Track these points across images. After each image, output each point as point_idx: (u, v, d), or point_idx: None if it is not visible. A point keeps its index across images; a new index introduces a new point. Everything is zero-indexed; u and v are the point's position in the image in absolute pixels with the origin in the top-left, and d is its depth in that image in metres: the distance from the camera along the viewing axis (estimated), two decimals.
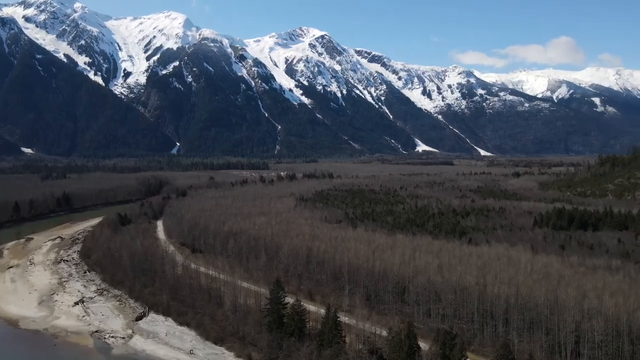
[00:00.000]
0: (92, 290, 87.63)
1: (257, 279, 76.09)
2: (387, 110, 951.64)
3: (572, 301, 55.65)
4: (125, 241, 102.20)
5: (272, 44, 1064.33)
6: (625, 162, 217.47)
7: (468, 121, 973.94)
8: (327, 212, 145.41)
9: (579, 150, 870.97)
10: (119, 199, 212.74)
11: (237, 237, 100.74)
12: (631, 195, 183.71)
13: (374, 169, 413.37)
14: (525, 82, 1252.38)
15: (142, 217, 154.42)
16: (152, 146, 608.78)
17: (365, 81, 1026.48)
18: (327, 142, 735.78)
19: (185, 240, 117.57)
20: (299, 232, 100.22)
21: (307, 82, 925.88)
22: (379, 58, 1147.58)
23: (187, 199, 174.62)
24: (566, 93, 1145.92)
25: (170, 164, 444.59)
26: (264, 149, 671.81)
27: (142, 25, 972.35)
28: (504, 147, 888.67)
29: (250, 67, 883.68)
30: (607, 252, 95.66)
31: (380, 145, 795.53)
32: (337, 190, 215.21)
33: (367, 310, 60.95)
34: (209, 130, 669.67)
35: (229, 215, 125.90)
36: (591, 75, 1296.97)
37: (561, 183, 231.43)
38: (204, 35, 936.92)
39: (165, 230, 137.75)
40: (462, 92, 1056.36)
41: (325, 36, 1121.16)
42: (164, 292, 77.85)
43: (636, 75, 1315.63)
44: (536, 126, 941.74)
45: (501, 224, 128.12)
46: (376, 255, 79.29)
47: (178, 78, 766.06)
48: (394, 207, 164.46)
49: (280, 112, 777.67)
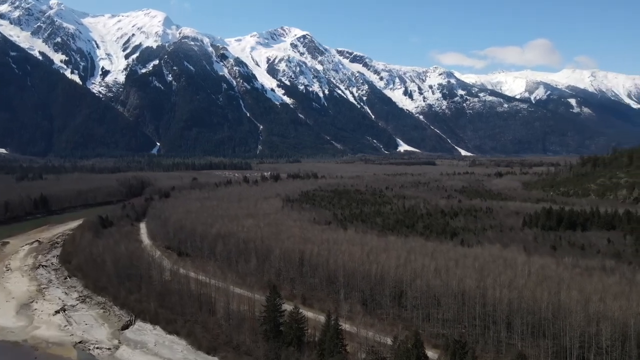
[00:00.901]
0: (73, 298, 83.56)
1: (250, 285, 73.33)
2: (369, 111, 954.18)
3: (575, 305, 54.60)
4: (109, 245, 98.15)
5: (253, 43, 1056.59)
6: (606, 162, 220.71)
7: (449, 121, 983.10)
8: (315, 214, 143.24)
9: (556, 150, 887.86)
10: (99, 200, 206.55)
11: (225, 240, 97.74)
12: (613, 195, 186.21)
13: (357, 169, 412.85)
14: (504, 83, 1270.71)
15: (124, 220, 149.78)
16: (131, 146, 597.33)
17: (347, 81, 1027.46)
18: (309, 142, 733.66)
19: (171, 244, 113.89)
20: (289, 235, 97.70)
21: (289, 82, 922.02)
22: (361, 58, 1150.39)
23: (170, 201, 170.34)
24: (543, 94, 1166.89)
25: (150, 165, 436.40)
26: (246, 149, 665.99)
27: (120, 23, 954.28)
28: (484, 147, 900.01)
29: (231, 67, 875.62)
30: (599, 252, 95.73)
31: (362, 145, 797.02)
32: (322, 190, 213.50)
33: (368, 317, 58.82)
34: (190, 130, 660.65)
35: (215, 217, 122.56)
36: (567, 76, 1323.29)
37: (544, 183, 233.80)
38: (184, 34, 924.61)
39: (149, 233, 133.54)
40: (443, 92, 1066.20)
41: (307, 36, 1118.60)
42: (151, 299, 74.51)
43: (610, 77, 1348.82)
44: (515, 126, 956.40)
45: (490, 225, 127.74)
46: (371, 259, 77.37)
47: (158, 77, 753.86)
48: (381, 207, 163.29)
49: (262, 112, 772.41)
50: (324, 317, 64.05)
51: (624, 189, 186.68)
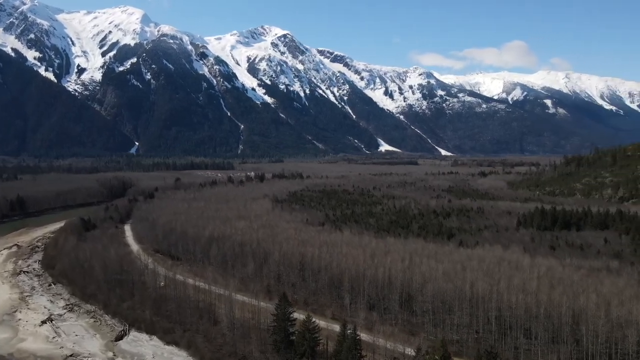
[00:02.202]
0: (60, 306, 78.69)
1: (254, 291, 69.81)
2: (350, 110, 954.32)
3: (594, 308, 53.07)
4: (96, 249, 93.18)
5: (233, 42, 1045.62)
6: (589, 162, 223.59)
7: (429, 121, 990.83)
8: (306, 215, 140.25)
9: (533, 150, 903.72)
10: (79, 201, 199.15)
11: (219, 243, 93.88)
12: (599, 194, 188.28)
13: (341, 168, 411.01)
14: (482, 84, 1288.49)
15: (107, 222, 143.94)
16: (109, 146, 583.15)
17: (328, 81, 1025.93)
18: (291, 142, 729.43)
19: (160, 247, 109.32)
20: (285, 237, 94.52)
21: (270, 81, 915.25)
22: (342, 58, 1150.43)
23: (155, 202, 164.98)
24: (520, 95, 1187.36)
25: (130, 165, 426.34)
26: (226, 149, 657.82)
27: (96, 19, 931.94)
28: (464, 147, 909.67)
29: (211, 65, 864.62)
30: (599, 252, 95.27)
31: (343, 145, 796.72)
32: (310, 191, 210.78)
33: (388, 326, 56.07)
34: (169, 130, 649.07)
35: (206, 219, 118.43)
36: (543, 78, 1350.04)
37: (529, 182, 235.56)
38: (163, 32, 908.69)
39: (135, 236, 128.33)
40: (423, 92, 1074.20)
41: (288, 35, 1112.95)
42: (145, 307, 70.47)
43: (584, 79, 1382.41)
44: (493, 127, 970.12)
45: (485, 225, 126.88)
46: (376, 262, 74.87)
47: (136, 75, 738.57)
48: (372, 208, 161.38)
49: (243, 112, 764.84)
50: (329, 324, 61.48)
51: (609, 188, 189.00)
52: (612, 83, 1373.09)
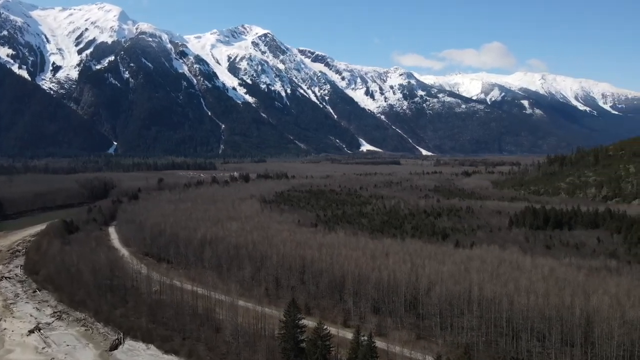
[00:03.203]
0: (47, 314, 74.77)
1: (256, 296, 67.33)
2: (331, 110, 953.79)
3: (607, 310, 52.39)
4: (84, 253, 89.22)
5: (213, 40, 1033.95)
6: (572, 162, 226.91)
7: (409, 121, 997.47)
8: (297, 215, 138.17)
9: (511, 150, 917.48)
10: (59, 203, 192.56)
11: (213, 245, 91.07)
12: (583, 193, 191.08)
13: (325, 168, 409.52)
14: (461, 84, 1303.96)
15: (91, 224, 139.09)
16: (86, 145, 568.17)
17: (309, 81, 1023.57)
18: (272, 142, 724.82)
19: (150, 250, 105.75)
20: (282, 239, 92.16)
21: (251, 81, 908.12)
22: (323, 58, 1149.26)
23: (140, 203, 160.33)
24: (498, 96, 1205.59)
25: (109, 165, 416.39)
26: (207, 149, 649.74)
27: (72, 16, 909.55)
28: (444, 147, 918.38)
29: (191, 64, 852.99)
30: (594, 251, 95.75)
31: (325, 145, 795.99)
32: (297, 191, 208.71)
33: (404, 332, 54.33)
34: (148, 129, 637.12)
35: (196, 220, 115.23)
36: (520, 79, 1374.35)
37: (514, 182, 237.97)
38: (141, 30, 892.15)
39: (122, 239, 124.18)
40: (404, 93, 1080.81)
41: (269, 34, 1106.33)
42: (141, 314, 67.35)
43: (559, 80, 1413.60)
44: (472, 127, 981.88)
45: (478, 225, 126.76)
46: (379, 264, 73.26)
47: (114, 73, 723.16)
48: (362, 208, 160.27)
49: (224, 111, 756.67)
50: (334, 329, 59.42)
51: (593, 187, 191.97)
52: (586, 84, 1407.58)
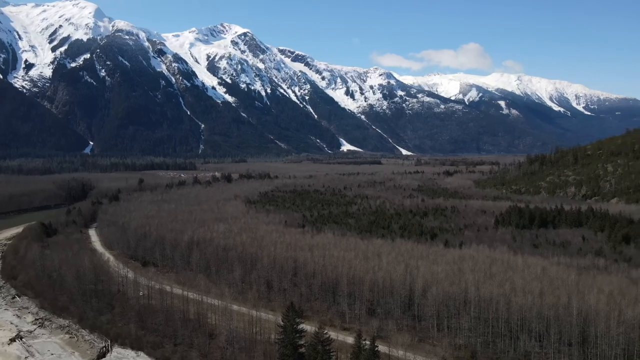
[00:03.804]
0: (29, 322, 71.63)
1: (251, 300, 65.56)
2: (311, 110, 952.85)
3: (606, 309, 52.58)
4: (66, 257, 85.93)
5: (192, 39, 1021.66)
6: (552, 161, 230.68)
7: (389, 121, 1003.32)
8: (284, 216, 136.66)
9: (489, 149, 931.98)
10: (35, 205, 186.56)
11: (201, 248, 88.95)
12: (563, 192, 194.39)
13: (307, 168, 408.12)
14: (440, 85, 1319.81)
15: (70, 226, 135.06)
16: (61, 145, 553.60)
17: (289, 80, 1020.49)
18: (253, 142, 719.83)
19: (134, 253, 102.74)
20: (272, 241, 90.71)
21: (231, 80, 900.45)
22: (303, 57, 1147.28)
23: (122, 204, 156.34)
24: (476, 96, 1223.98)
25: (85, 165, 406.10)
26: (187, 149, 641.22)
27: (45, 13, 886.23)
28: (424, 147, 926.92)
29: (170, 63, 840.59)
30: (580, 250, 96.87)
31: (306, 144, 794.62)
32: (281, 191, 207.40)
33: (407, 335, 53.41)
34: (126, 129, 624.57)
35: (181, 222, 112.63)
36: (496, 80, 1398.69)
37: (495, 181, 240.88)
38: (118, 27, 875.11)
39: (103, 242, 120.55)
40: (383, 93, 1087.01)
41: (248, 34, 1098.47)
42: (129, 320, 64.95)
43: (534, 81, 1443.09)
44: (451, 127, 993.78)
45: (465, 224, 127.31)
46: (373, 265, 72.43)
47: (90, 72, 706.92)
48: (348, 208, 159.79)
49: (204, 110, 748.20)
50: (336, 334, 58.26)
51: (572, 186, 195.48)
52: (560, 86, 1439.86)
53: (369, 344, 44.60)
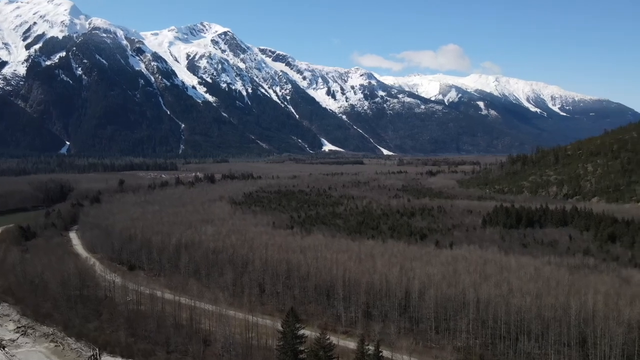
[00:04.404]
0: (10, 330, 68.49)
1: (247, 304, 63.91)
2: (293, 110, 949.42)
3: (605, 309, 52.72)
4: (49, 262, 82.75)
5: (171, 38, 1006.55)
6: (534, 161, 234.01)
7: (371, 121, 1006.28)
8: (271, 217, 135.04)
9: (468, 149, 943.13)
10: (11, 207, 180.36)
11: (190, 251, 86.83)
12: (545, 192, 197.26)
13: (290, 168, 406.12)
14: (420, 85, 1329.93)
15: (50, 229, 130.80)
16: (35, 145, 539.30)
17: (271, 80, 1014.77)
18: (234, 142, 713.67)
19: (119, 257, 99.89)
20: (263, 243, 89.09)
21: (211, 80, 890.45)
22: (284, 57, 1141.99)
23: (103, 206, 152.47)
24: (455, 97, 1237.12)
25: (62, 166, 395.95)
26: (167, 149, 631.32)
27: (19, 9, 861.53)
28: (405, 147, 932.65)
29: (149, 62, 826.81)
30: (569, 249, 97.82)
31: (287, 144, 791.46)
32: (265, 192, 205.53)
33: (411, 340, 52.53)
34: (104, 128, 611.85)
35: (168, 224, 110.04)
36: (475, 81, 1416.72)
37: (478, 181, 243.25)
38: (94, 25, 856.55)
39: (85, 245, 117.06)
40: (365, 93, 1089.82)
41: (228, 33, 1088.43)
42: (118, 327, 62.65)
43: (512, 83, 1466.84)
44: (431, 127, 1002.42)
45: (452, 224, 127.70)
46: (368, 267, 71.55)
47: (66, 70, 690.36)
48: (335, 208, 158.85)
49: (184, 110, 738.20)
50: (338, 339, 57.02)
51: (554, 185, 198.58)
52: (537, 87, 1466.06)
53: (373, 350, 43.60)
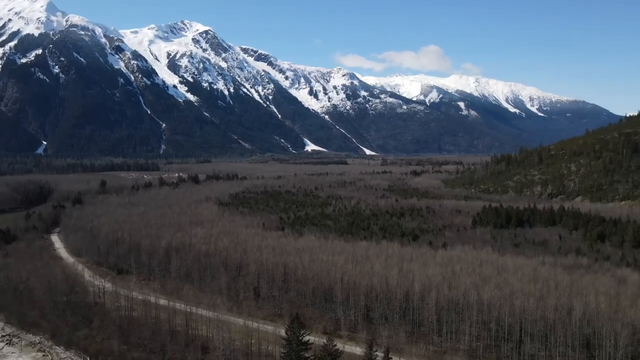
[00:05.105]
0: None
1: (247, 309, 62.11)
2: (275, 110, 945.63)
3: (609, 311, 52.63)
4: (34, 267, 79.49)
5: (151, 36, 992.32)
6: (518, 161, 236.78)
7: (353, 121, 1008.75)
8: (260, 219, 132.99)
9: (449, 149, 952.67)
10: None
11: (181, 254, 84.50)
12: (530, 191, 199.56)
13: (274, 169, 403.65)
14: (402, 85, 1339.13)
15: (31, 232, 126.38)
16: (11, 145, 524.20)
17: (253, 80, 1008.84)
18: (216, 142, 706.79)
19: (105, 260, 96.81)
20: (255, 245, 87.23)
21: (192, 79, 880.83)
22: (266, 57, 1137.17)
23: (86, 208, 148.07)
24: (437, 97, 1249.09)
25: (39, 166, 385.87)
26: (148, 149, 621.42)
27: None
28: (387, 147, 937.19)
29: (128, 60, 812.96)
30: (560, 249, 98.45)
31: (270, 144, 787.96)
32: (252, 192, 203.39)
33: (421, 346, 51.48)
34: (82, 128, 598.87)
35: (156, 227, 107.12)
36: (456, 82, 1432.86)
37: (464, 180, 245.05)
38: (72, 22, 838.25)
39: (69, 248, 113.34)
40: (347, 93, 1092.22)
41: (210, 31, 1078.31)
42: (110, 335, 60.20)
43: (491, 84, 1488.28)
44: (413, 127, 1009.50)
45: (443, 224, 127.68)
46: (367, 269, 70.46)
47: (42, 68, 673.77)
48: (324, 209, 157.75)
49: (165, 110, 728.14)
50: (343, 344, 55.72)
51: (539, 185, 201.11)
52: (515, 88, 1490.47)
53: (383, 356, 42.47)
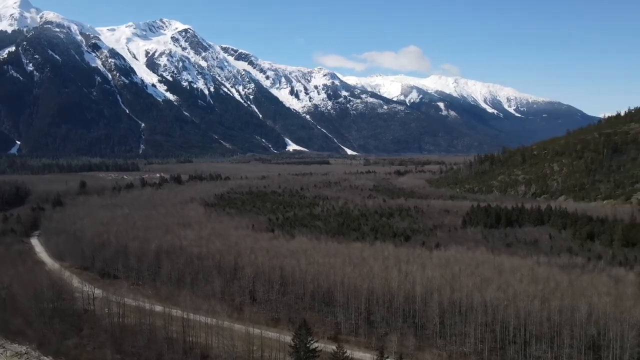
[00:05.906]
0: None
1: (249, 315, 60.04)
2: (256, 109, 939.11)
3: (614, 311, 52.43)
4: (16, 272, 75.83)
5: (129, 34, 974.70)
6: (502, 161, 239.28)
7: (334, 121, 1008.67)
8: (249, 220, 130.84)
9: (430, 149, 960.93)
10: None
11: (172, 257, 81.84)
12: (514, 191, 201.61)
13: (257, 169, 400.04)
14: (382, 86, 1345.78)
15: (9, 235, 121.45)
16: None
17: (233, 79, 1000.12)
18: (196, 142, 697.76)
19: (90, 265, 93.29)
20: (249, 247, 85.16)
21: (172, 78, 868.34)
22: (246, 56, 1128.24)
23: (67, 209, 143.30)
24: (417, 98, 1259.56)
25: (13, 166, 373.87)
26: (126, 149, 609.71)
27: None
28: (368, 147, 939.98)
29: (106, 58, 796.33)
30: (552, 248, 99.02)
31: (251, 144, 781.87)
32: (237, 193, 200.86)
33: (429, 352, 50.28)
34: (58, 127, 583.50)
35: (143, 229, 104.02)
36: (435, 82, 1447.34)
37: (448, 180, 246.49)
38: (47, 19, 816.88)
39: (51, 252, 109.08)
40: (328, 93, 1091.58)
41: (189, 30, 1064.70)
42: (103, 343, 57.45)
43: (470, 84, 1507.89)
44: (394, 127, 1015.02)
45: (433, 225, 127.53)
46: (366, 271, 69.20)
47: (15, 66, 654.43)
48: (312, 210, 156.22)
49: (143, 109, 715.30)
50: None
51: (522, 184, 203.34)
52: (493, 89, 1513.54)
53: None
